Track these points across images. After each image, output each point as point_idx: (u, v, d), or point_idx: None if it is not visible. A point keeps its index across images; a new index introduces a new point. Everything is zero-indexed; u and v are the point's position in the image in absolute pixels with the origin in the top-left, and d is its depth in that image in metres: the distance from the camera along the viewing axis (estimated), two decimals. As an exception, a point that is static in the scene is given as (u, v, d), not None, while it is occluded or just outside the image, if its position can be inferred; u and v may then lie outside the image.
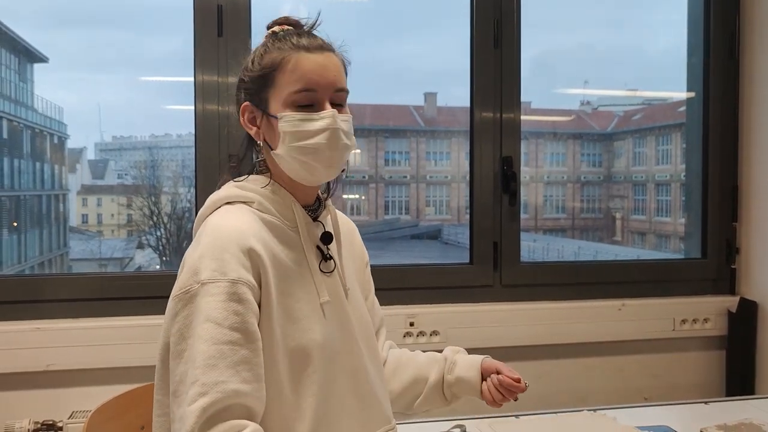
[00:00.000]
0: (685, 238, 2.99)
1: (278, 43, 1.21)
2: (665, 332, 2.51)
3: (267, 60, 1.20)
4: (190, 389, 1.03)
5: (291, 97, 1.18)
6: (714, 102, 2.62)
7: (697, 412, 1.83)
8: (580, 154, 4.76)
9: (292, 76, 1.18)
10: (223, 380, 1.03)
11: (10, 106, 3.53)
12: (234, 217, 1.16)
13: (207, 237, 1.13)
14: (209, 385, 1.02)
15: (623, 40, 3.88)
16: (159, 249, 4.46)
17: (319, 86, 1.18)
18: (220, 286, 1.07)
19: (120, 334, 2.11)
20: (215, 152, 2.23)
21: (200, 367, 1.03)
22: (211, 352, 1.04)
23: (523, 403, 2.37)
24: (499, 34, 2.44)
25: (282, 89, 1.18)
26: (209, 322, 1.06)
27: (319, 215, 1.28)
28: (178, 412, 1.04)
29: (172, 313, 1.10)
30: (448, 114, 4.51)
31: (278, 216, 1.21)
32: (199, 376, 1.03)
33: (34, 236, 3.95)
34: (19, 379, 2.07)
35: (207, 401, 1.02)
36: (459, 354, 1.44)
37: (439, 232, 4.54)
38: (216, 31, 2.22)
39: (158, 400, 1.18)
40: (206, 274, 1.08)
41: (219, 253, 1.10)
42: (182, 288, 1.10)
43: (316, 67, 1.18)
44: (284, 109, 1.18)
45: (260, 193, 1.21)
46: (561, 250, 4.54)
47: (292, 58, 1.18)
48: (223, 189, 1.24)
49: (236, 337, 1.06)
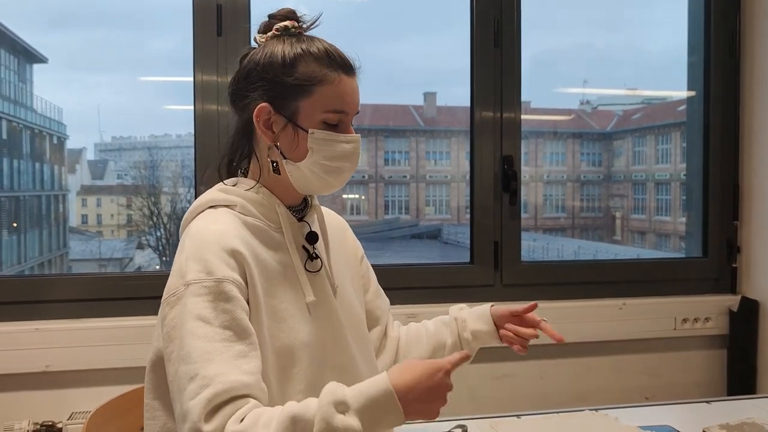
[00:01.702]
0: (686, 237, 2.99)
1: (316, 57, 1.19)
2: (666, 331, 2.51)
3: (305, 70, 1.18)
4: (189, 385, 1.02)
5: (325, 115, 1.18)
6: (714, 100, 2.61)
7: (699, 412, 1.82)
8: (579, 154, 4.76)
9: (332, 95, 1.18)
10: (223, 372, 1.02)
11: (9, 106, 3.53)
12: (215, 220, 1.17)
13: (190, 240, 1.13)
14: (209, 378, 1.01)
15: (623, 39, 3.88)
16: (159, 249, 4.46)
17: (350, 110, 1.21)
18: (206, 286, 1.08)
19: (119, 334, 2.11)
20: (214, 152, 2.22)
21: (197, 362, 1.02)
22: (206, 348, 1.03)
23: (524, 403, 2.37)
24: (499, 34, 2.43)
25: (318, 105, 1.18)
26: (199, 320, 1.05)
27: (304, 215, 1.28)
28: (180, 411, 1.03)
29: (162, 316, 1.11)
30: (448, 113, 4.51)
31: (261, 218, 1.21)
32: (198, 371, 1.02)
33: (34, 237, 3.94)
34: (18, 380, 2.07)
35: (211, 392, 1.00)
36: (463, 311, 1.48)
37: (439, 232, 4.54)
38: (215, 30, 2.21)
39: (147, 403, 1.20)
40: (192, 275, 1.09)
41: (203, 254, 1.10)
42: (170, 291, 1.11)
43: (352, 92, 1.21)
44: (315, 124, 1.18)
45: (243, 196, 1.21)
46: (561, 250, 4.54)
47: (336, 78, 1.19)
48: (207, 193, 1.24)
49: (228, 335, 1.06)
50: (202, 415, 0.99)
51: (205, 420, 0.99)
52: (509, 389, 2.40)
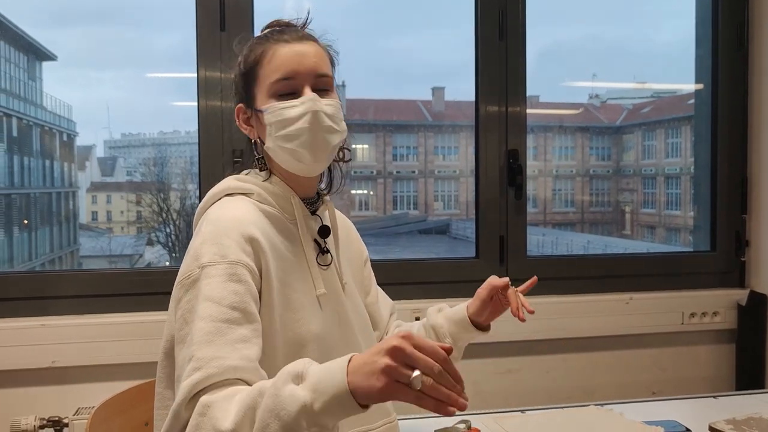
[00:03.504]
0: (694, 230, 2.97)
1: (261, 40, 1.23)
2: (674, 326, 2.49)
3: (250, 57, 1.22)
4: (186, 365, 1.02)
5: (272, 88, 1.19)
6: (723, 93, 2.59)
7: (706, 407, 1.81)
8: (588, 148, 4.72)
9: (270, 66, 1.19)
10: (220, 356, 1.01)
11: (19, 104, 3.54)
12: (234, 206, 1.17)
13: (208, 225, 1.14)
14: (204, 360, 1.00)
15: (631, 32, 3.84)
16: (168, 245, 4.47)
17: (297, 74, 1.18)
18: (220, 268, 1.08)
19: (125, 330, 2.12)
20: (219, 148, 2.22)
21: (197, 343, 1.02)
22: (209, 329, 1.03)
23: (529, 398, 2.36)
24: (504, 26, 2.42)
25: (263, 82, 1.20)
26: (207, 301, 1.05)
27: (317, 209, 1.29)
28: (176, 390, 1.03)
29: (176, 299, 1.11)
30: (456, 108, 4.49)
31: (277, 207, 1.21)
32: (194, 352, 1.01)
33: (45, 234, 3.96)
34: (24, 375, 2.08)
35: (200, 376, 0.99)
36: (442, 312, 1.50)
37: (448, 227, 4.52)
38: (219, 25, 2.21)
39: (159, 392, 1.18)
40: (207, 258, 1.09)
41: (219, 239, 1.11)
42: (184, 274, 1.11)
43: (294, 56, 1.19)
44: (268, 102, 1.19)
45: (259, 185, 1.22)
46: (570, 244, 4.52)
47: (270, 50, 1.19)
48: (222, 182, 1.25)
49: (234, 316, 1.05)
50: (184, 401, 0.98)
51: (187, 405, 0.98)
52: (514, 384, 2.40)
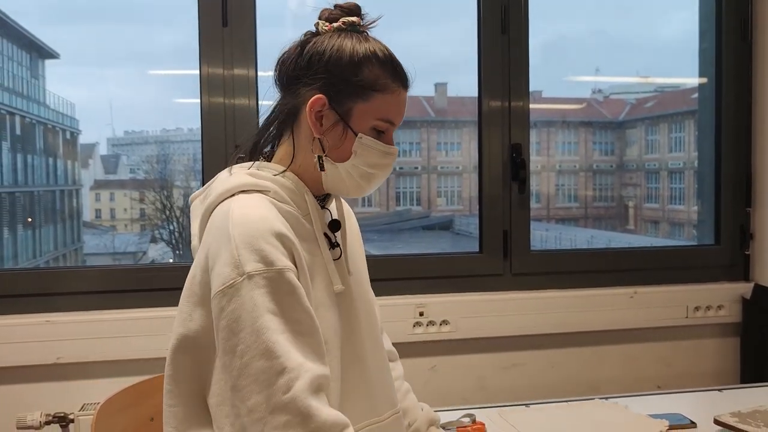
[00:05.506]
0: (698, 224, 2.96)
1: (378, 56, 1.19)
2: (678, 320, 2.49)
3: (369, 74, 1.18)
4: (278, 379, 1.01)
5: (377, 123, 1.19)
6: (727, 87, 2.58)
7: (712, 400, 1.81)
8: (592, 143, 4.71)
9: (389, 106, 1.20)
10: (303, 363, 1.04)
11: (22, 102, 3.54)
12: (256, 205, 1.13)
13: (236, 228, 1.09)
14: (297, 370, 1.02)
15: (634, 26, 3.83)
16: (172, 243, 4.47)
17: (398, 123, 1.23)
18: (268, 277, 1.06)
19: (130, 326, 2.12)
20: (222, 145, 2.22)
21: (281, 356, 1.03)
22: (281, 341, 1.03)
23: (534, 393, 2.37)
24: (506, 20, 2.41)
25: (373, 111, 1.19)
26: (270, 314, 1.04)
27: (327, 203, 1.28)
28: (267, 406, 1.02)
29: (218, 309, 1.07)
30: (459, 104, 4.48)
31: (292, 205, 1.19)
32: (284, 364, 1.02)
33: (49, 232, 3.97)
34: (29, 371, 2.09)
35: (308, 378, 1.03)
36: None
37: (451, 223, 4.52)
38: (221, 21, 2.21)
39: (169, 390, 1.16)
40: (251, 266, 1.05)
41: (256, 243, 1.07)
42: (225, 283, 1.06)
43: (403, 106, 1.23)
44: (364, 129, 1.19)
45: (275, 182, 1.19)
46: (574, 240, 4.51)
47: (397, 91, 1.20)
48: (235, 177, 1.20)
49: (305, 327, 1.08)
50: (308, 395, 1.02)
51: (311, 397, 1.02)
52: (518, 379, 2.40)
